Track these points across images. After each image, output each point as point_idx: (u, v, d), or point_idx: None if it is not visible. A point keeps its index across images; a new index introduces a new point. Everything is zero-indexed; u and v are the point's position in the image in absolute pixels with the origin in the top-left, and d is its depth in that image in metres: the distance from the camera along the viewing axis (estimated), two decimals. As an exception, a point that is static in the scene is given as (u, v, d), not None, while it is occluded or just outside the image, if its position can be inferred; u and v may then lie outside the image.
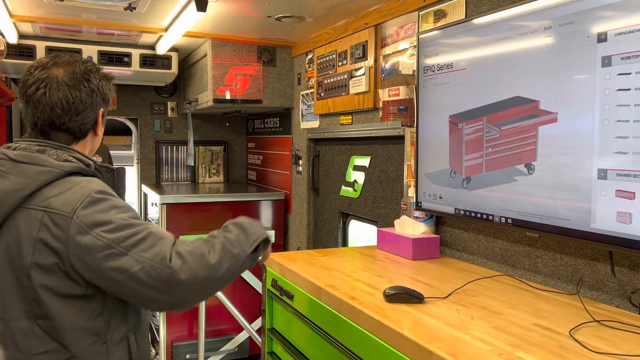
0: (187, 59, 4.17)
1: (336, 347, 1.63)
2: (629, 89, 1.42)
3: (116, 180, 1.42)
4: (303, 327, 1.88)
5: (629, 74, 1.42)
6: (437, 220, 2.33)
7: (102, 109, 1.41)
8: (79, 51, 3.59)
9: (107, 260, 1.18)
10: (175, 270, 1.19)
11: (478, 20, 1.93)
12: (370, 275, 1.89)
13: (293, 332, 2.00)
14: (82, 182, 1.26)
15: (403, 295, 1.58)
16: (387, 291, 1.59)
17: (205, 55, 3.64)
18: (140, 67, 3.84)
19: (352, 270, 1.97)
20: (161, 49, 3.73)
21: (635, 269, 1.54)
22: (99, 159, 3.30)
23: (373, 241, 2.44)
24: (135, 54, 3.80)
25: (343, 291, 1.68)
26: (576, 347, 1.25)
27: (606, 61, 1.48)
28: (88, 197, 1.22)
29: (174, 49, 3.86)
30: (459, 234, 2.23)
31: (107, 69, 3.67)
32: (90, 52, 3.62)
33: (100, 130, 1.43)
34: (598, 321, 1.42)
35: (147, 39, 3.62)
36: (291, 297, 1.96)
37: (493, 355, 1.19)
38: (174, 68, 3.96)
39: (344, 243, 3.24)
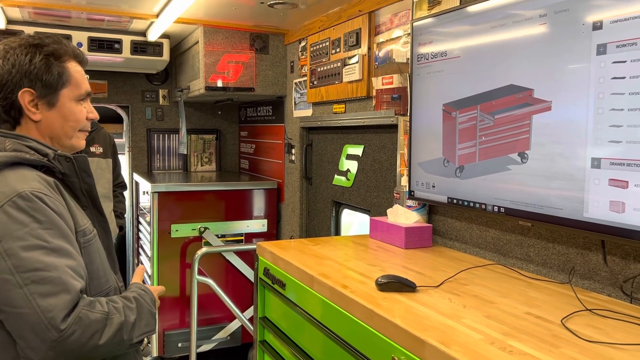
0: (178, 46, 4.12)
1: (328, 335, 1.62)
2: (623, 77, 1.41)
3: (78, 169, 1.34)
4: (295, 315, 1.87)
5: (624, 61, 1.41)
6: (430, 209, 2.32)
7: (28, 90, 1.29)
8: (68, 37, 3.54)
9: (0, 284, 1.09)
10: (65, 337, 1.11)
11: (473, 8, 1.92)
12: (363, 264, 1.89)
13: (285, 320, 1.99)
14: (11, 179, 1.18)
15: (395, 284, 1.57)
16: (379, 280, 1.59)
17: (197, 42, 3.60)
18: (131, 54, 3.79)
19: (345, 259, 1.96)
20: (152, 36, 3.69)
21: (627, 258, 1.55)
22: (99, 149, 3.28)
23: (365, 230, 2.44)
24: (126, 40, 3.74)
25: (335, 280, 1.67)
26: (568, 335, 1.25)
27: (601, 49, 1.47)
28: (7, 200, 1.14)
29: (165, 35, 3.81)
30: (452, 223, 2.22)
31: (98, 56, 3.68)
32: (80, 38, 3.57)
33: (37, 114, 1.31)
34: (590, 310, 1.42)
35: (138, 25, 3.57)
36: (283, 285, 1.95)
37: (485, 344, 1.19)
38: (166, 55, 3.91)
39: (337, 232, 3.24)
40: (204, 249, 3.44)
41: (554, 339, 1.23)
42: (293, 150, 3.61)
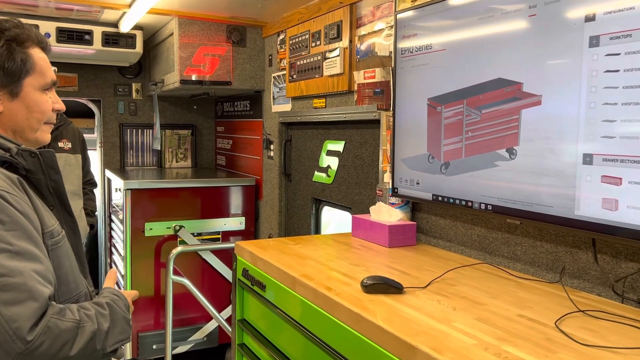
0: (152, 38, 3.99)
1: (311, 340, 1.55)
2: (617, 71, 1.36)
3: (44, 165, 1.25)
4: (276, 318, 1.79)
5: (618, 54, 1.36)
6: (413, 206, 2.26)
7: None
8: (35, 27, 3.38)
9: None
10: (32, 349, 1.02)
11: (459, -1, 1.86)
12: (346, 264, 1.82)
13: (265, 323, 1.91)
14: None
15: (382, 286, 1.50)
16: (365, 281, 1.52)
17: (172, 34, 3.48)
18: (103, 45, 3.64)
19: (327, 258, 1.89)
20: (125, 27, 3.55)
21: (617, 256, 1.51)
22: (67, 145, 3.13)
23: (343, 227, 2.37)
24: (97, 31, 3.60)
25: (318, 281, 1.60)
26: (563, 339, 1.20)
27: (594, 41, 1.42)
28: None
29: (138, 27, 3.67)
30: (436, 221, 2.17)
31: (67, 47, 3.52)
32: (47, 28, 3.41)
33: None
34: (583, 311, 1.37)
35: (109, 15, 3.43)
36: (263, 287, 1.87)
37: (479, 349, 1.13)
38: (139, 47, 3.77)
39: (317, 230, 3.16)
40: (180, 248, 3.33)
41: (549, 343, 1.17)
42: (272, 146, 3.52)
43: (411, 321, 1.29)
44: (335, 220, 3.15)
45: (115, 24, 3.63)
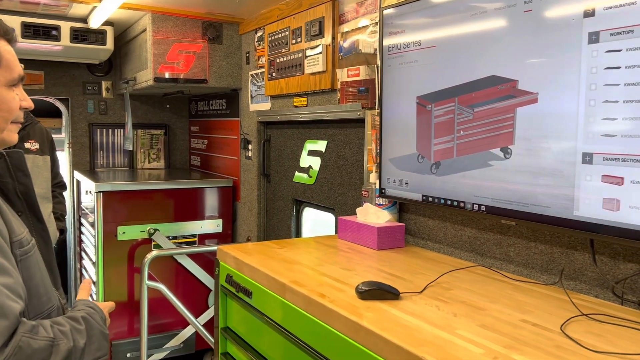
0: (124, 35, 3.84)
1: (304, 350, 1.47)
2: (618, 67, 1.33)
3: (12, 168, 1.17)
4: (264, 327, 1.71)
5: (619, 50, 1.33)
6: (401, 207, 2.21)
7: None
8: (-1, 22, 3.20)
9: None
10: None
11: (450, -6, 1.80)
12: (337, 268, 1.75)
13: (251, 332, 1.83)
14: None
15: (377, 291, 1.44)
16: (360, 287, 1.45)
17: (145, 30, 3.35)
18: (71, 42, 3.48)
19: (316, 263, 1.81)
20: (94, 23, 3.39)
21: (616, 257, 1.48)
22: (35, 145, 2.97)
23: (321, 228, 2.30)
24: (65, 27, 3.43)
25: (310, 288, 1.52)
26: (572, 345, 1.15)
27: (593, 37, 1.38)
28: None
29: (109, 22, 3.52)
30: (424, 222, 2.12)
31: (33, 43, 3.35)
32: (11, 23, 3.23)
33: None
34: (586, 315, 1.33)
35: (78, 10, 3.28)
36: (249, 294, 1.78)
37: (488, 359, 1.08)
38: (109, 44, 3.62)
39: (298, 231, 3.08)
40: (155, 252, 3.20)
41: (558, 350, 1.13)
42: (250, 146, 3.43)
43: (413, 329, 1.23)
44: (311, 219, 3.07)
45: (84, 19, 3.48)
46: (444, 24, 1.83)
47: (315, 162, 2.81)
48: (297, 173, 2.98)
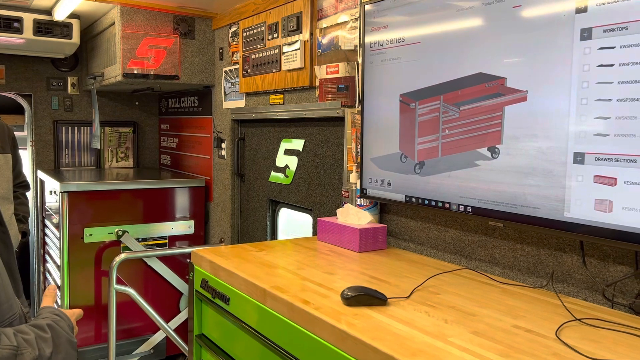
0: (91, 28, 3.68)
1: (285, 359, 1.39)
2: (612, 65, 1.29)
3: None
4: (242, 334, 1.63)
5: (613, 47, 1.29)
6: (382, 207, 2.15)
7: None
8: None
9: None
10: None
11: (435, -11, 1.75)
12: (319, 272, 1.67)
13: (228, 339, 1.74)
14: None
15: (364, 297, 1.37)
16: (345, 293, 1.38)
17: (113, 23, 3.21)
18: (34, 34, 3.31)
19: (297, 266, 1.74)
20: (59, 15, 3.24)
21: (605, 259, 1.45)
22: None
23: (295, 229, 2.22)
24: (28, 19, 3.26)
25: (292, 293, 1.45)
26: (569, 352, 1.11)
27: (586, 34, 1.35)
28: None
29: (75, 15, 3.37)
30: (406, 223, 2.06)
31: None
32: (-30, 13, 3.06)
33: None
34: (579, 320, 1.29)
35: (42, 2, 3.12)
36: (226, 300, 1.69)
37: (486, 369, 1.02)
38: (75, 38, 3.46)
39: (273, 232, 3.00)
40: (124, 255, 3.07)
41: (556, 357, 1.08)
42: (223, 145, 3.32)
43: (404, 338, 1.16)
44: (284, 219, 2.98)
45: (48, 11, 3.31)
46: (429, 20, 1.78)
47: (292, 162, 2.73)
48: (273, 173, 2.89)
